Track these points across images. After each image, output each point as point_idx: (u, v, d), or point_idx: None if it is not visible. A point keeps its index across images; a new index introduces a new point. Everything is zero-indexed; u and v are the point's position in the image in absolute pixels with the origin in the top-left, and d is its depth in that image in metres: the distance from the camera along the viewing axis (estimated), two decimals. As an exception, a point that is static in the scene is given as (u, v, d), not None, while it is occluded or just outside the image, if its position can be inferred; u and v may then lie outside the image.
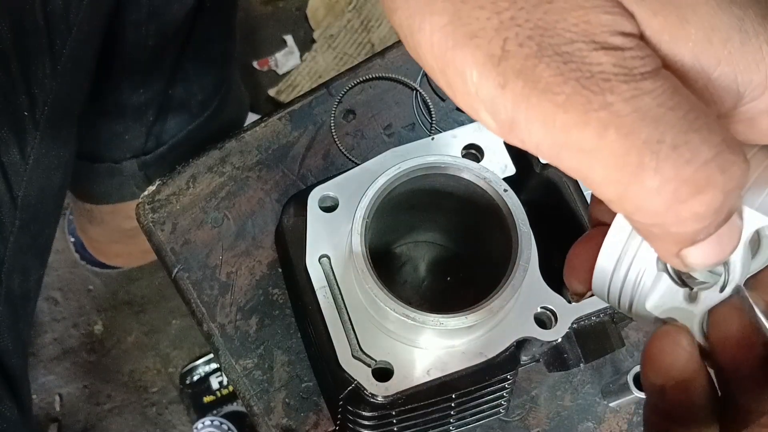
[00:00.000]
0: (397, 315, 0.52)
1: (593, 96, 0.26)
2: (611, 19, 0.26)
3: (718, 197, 0.26)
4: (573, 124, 0.26)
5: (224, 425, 1.35)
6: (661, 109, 0.26)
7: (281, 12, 1.69)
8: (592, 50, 0.26)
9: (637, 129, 0.26)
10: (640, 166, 0.26)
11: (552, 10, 0.26)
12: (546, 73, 0.26)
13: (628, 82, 0.26)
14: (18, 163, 0.78)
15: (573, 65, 0.26)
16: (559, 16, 0.26)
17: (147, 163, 1.13)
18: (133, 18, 0.89)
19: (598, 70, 0.26)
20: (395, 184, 0.56)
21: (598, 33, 0.26)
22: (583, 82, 0.26)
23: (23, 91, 0.76)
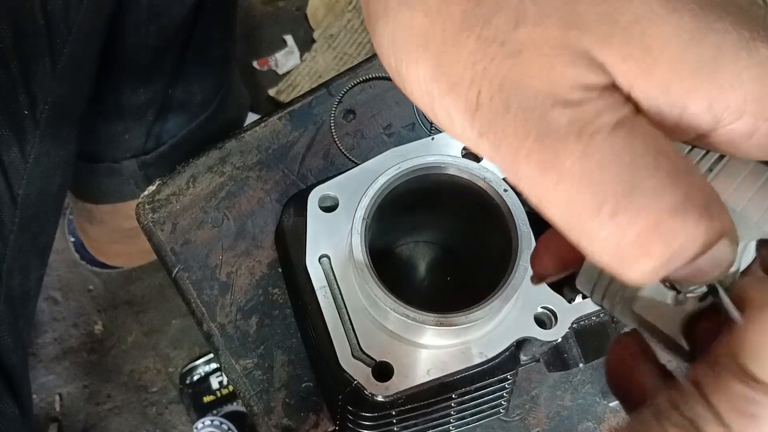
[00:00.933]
0: (397, 315, 0.52)
1: (548, 154, 0.27)
2: (574, 72, 0.27)
3: (655, 263, 0.26)
4: (534, 176, 0.27)
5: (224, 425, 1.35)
6: (607, 171, 0.26)
7: (281, 12, 1.69)
8: (551, 106, 0.27)
9: (583, 189, 0.26)
10: (585, 225, 0.27)
11: (519, 64, 0.27)
12: (511, 128, 0.27)
13: (579, 140, 0.26)
14: (18, 162, 0.78)
15: (534, 120, 0.27)
16: (524, 70, 0.27)
17: (147, 163, 1.13)
18: (133, 19, 0.89)
19: (555, 127, 0.27)
20: (395, 184, 0.56)
21: (559, 88, 0.27)
22: (542, 139, 0.27)
23: (23, 91, 0.76)
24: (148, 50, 0.95)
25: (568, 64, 0.27)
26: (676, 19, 0.27)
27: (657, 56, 0.27)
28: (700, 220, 0.26)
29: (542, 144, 0.27)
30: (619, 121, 0.27)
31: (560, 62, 0.27)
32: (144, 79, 1.00)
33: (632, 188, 0.26)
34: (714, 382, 0.25)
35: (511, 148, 0.27)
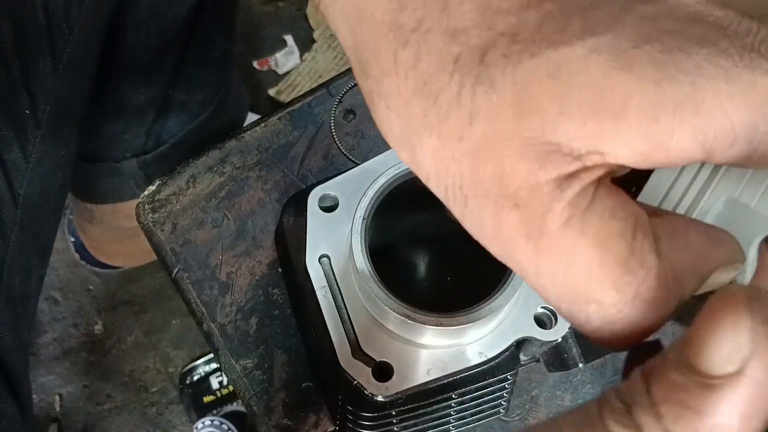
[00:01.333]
0: (397, 315, 0.52)
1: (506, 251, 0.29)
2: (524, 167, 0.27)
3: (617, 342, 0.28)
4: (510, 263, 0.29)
5: (224, 425, 1.35)
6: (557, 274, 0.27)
7: (281, 12, 1.69)
8: (501, 209, 0.28)
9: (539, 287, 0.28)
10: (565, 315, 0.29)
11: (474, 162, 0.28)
12: (473, 223, 0.29)
13: (528, 243, 0.28)
14: (19, 161, 0.78)
15: (489, 221, 0.28)
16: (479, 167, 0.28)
17: (147, 162, 1.13)
18: (133, 19, 0.89)
19: (507, 229, 0.28)
20: (395, 184, 0.56)
21: (509, 187, 0.27)
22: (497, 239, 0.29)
23: (24, 91, 0.76)
24: (149, 50, 0.95)
25: (519, 158, 0.27)
26: (636, 74, 0.26)
27: (621, 117, 0.27)
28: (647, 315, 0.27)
29: (500, 241, 0.28)
30: (567, 220, 0.27)
31: (510, 156, 0.27)
32: (144, 78, 1.00)
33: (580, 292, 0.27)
34: (659, 372, 0.25)
35: (479, 238, 0.30)
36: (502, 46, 0.27)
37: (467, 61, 0.28)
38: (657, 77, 0.26)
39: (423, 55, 0.29)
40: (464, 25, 0.28)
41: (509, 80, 0.27)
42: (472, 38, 0.28)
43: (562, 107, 0.27)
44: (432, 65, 0.28)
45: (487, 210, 0.28)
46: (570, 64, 0.27)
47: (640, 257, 0.27)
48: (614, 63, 0.26)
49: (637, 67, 0.26)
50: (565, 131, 0.27)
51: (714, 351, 0.23)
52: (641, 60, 0.26)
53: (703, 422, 0.23)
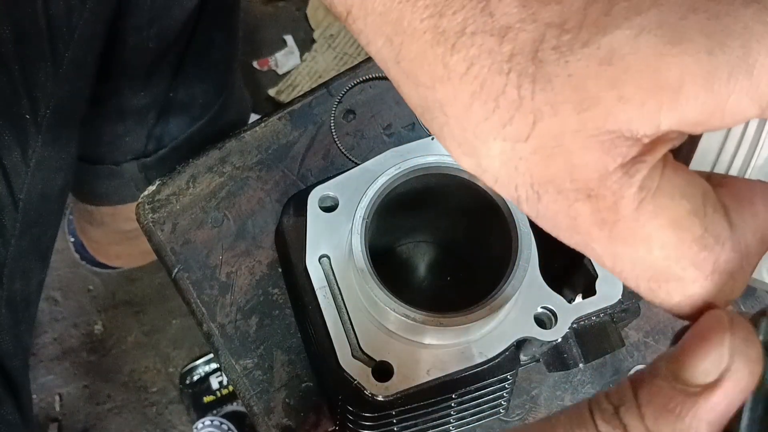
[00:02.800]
0: (397, 315, 0.52)
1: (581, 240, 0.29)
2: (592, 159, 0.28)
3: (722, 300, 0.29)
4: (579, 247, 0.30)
5: (224, 425, 1.35)
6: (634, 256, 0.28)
7: (281, 12, 1.69)
8: (574, 201, 0.29)
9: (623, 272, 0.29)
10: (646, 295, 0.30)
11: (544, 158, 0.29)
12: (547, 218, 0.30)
13: (602, 230, 0.28)
14: (19, 165, 0.77)
15: (563, 214, 0.29)
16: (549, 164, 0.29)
17: (147, 165, 1.13)
18: (134, 22, 0.89)
19: (581, 220, 0.29)
20: (395, 184, 0.56)
21: (579, 180, 0.28)
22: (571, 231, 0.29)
23: (25, 94, 0.76)
24: (149, 53, 0.95)
25: (585, 151, 0.28)
26: (687, 46, 0.27)
27: (679, 90, 0.27)
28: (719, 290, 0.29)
29: (574, 232, 0.29)
30: (639, 204, 0.28)
31: (577, 150, 0.28)
32: (145, 81, 1.00)
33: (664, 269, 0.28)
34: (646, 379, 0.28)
35: (554, 231, 0.30)
36: (551, 39, 0.28)
37: (521, 60, 0.28)
38: (708, 46, 0.27)
39: (474, 58, 0.29)
40: (509, 22, 0.28)
41: (564, 73, 0.27)
42: (521, 33, 0.28)
43: (619, 92, 0.27)
44: (485, 68, 0.28)
45: (560, 203, 0.29)
46: (621, 46, 0.27)
47: (714, 232, 0.28)
48: (664, 39, 0.27)
49: (687, 39, 0.27)
50: (626, 115, 0.27)
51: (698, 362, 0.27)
52: (690, 31, 0.27)
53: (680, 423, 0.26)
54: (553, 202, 0.29)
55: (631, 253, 0.28)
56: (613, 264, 0.29)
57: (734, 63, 0.27)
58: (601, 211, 0.28)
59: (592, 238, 0.29)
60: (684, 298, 0.29)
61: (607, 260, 0.29)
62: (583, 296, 0.57)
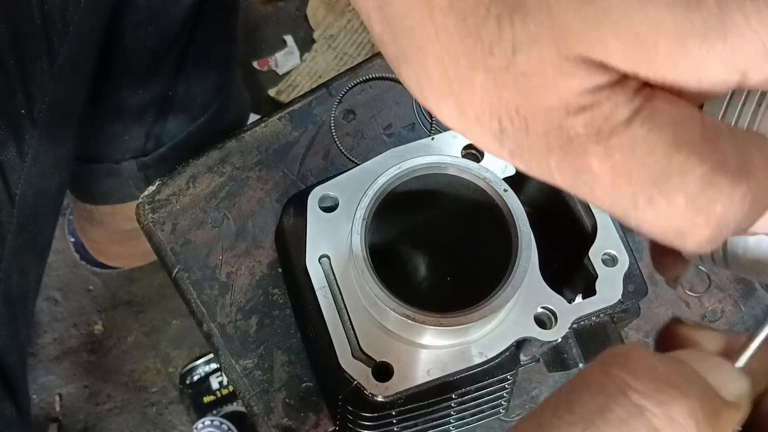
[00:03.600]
0: (397, 315, 0.52)
1: (575, 161, 0.28)
2: (577, 81, 0.28)
3: (705, 235, 0.27)
4: (570, 182, 0.29)
5: (224, 425, 1.35)
6: (631, 164, 0.27)
7: (281, 12, 1.69)
8: (565, 116, 0.28)
9: (615, 186, 0.28)
10: (632, 218, 0.28)
11: (527, 86, 0.28)
12: (536, 145, 0.29)
13: (599, 142, 0.28)
14: (15, 161, 0.78)
15: (554, 133, 0.28)
16: (533, 90, 0.28)
17: (146, 164, 1.13)
18: (131, 19, 0.89)
19: (574, 134, 0.28)
20: (395, 184, 0.56)
21: (568, 97, 0.28)
22: (565, 149, 0.28)
23: (21, 90, 0.76)
24: (147, 51, 0.95)
25: (570, 75, 0.28)
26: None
27: (654, 40, 0.27)
28: (734, 185, 0.27)
29: (567, 153, 0.28)
30: (632, 113, 0.27)
31: (561, 74, 0.28)
32: (143, 80, 1.00)
33: (659, 174, 0.27)
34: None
35: (542, 164, 0.29)
36: None
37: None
38: (686, 1, 0.27)
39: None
40: None
41: (544, 7, 0.28)
42: None
43: (598, 33, 0.27)
44: (468, 2, 0.29)
45: (551, 123, 0.28)
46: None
47: (714, 131, 0.28)
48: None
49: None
50: (604, 54, 0.27)
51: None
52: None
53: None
54: (542, 124, 0.28)
55: (629, 162, 0.27)
56: (612, 180, 0.28)
57: (709, 23, 0.27)
58: (595, 122, 0.28)
59: (588, 154, 0.28)
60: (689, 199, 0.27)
61: (605, 180, 0.28)
62: (583, 296, 0.57)
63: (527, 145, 0.29)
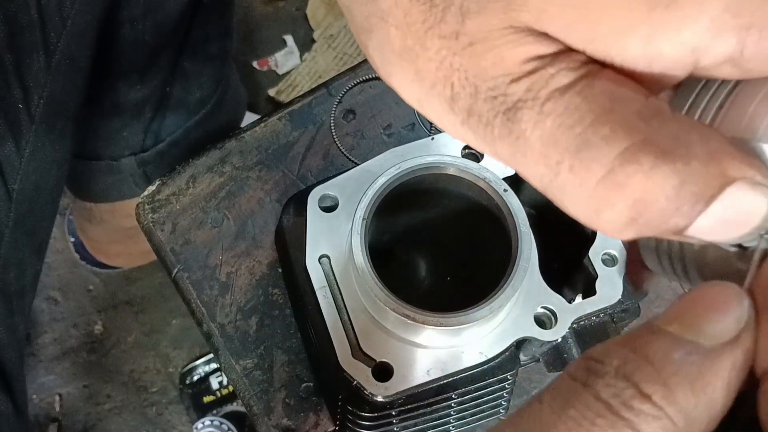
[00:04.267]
0: (397, 315, 0.52)
1: (513, 125, 0.28)
2: (522, 50, 0.28)
3: (622, 213, 0.26)
4: (508, 152, 0.29)
5: (224, 425, 1.35)
6: (559, 129, 0.27)
7: (281, 12, 1.69)
8: (510, 82, 0.28)
9: (543, 153, 0.28)
10: (553, 188, 0.28)
11: (476, 52, 0.29)
12: (484, 108, 0.29)
13: (533, 107, 0.28)
14: (13, 156, 0.77)
15: (499, 99, 0.29)
16: (481, 56, 0.29)
17: (145, 160, 1.13)
18: (128, 14, 0.89)
19: (516, 99, 0.28)
20: (395, 184, 0.56)
21: (513, 64, 0.28)
22: (507, 114, 0.28)
23: (17, 84, 0.76)
24: (145, 46, 0.95)
25: (515, 43, 0.28)
26: None
27: (598, 17, 0.27)
28: (656, 164, 0.26)
29: (507, 118, 0.28)
30: (570, 81, 0.28)
31: (507, 43, 0.28)
32: (141, 75, 1.00)
33: (584, 142, 0.27)
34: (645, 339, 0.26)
35: (487, 129, 0.29)
36: None
37: None
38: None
39: None
40: None
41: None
42: None
43: (545, 6, 0.28)
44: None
45: (497, 89, 0.29)
46: None
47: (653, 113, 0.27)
48: None
49: None
50: (549, 26, 0.28)
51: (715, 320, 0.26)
52: None
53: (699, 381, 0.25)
54: (489, 90, 0.29)
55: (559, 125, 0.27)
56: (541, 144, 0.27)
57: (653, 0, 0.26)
58: (535, 86, 0.28)
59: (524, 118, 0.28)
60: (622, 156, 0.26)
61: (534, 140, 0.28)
62: (583, 296, 0.57)
63: (476, 110, 0.29)
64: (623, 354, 0.26)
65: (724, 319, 0.26)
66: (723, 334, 0.26)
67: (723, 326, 0.26)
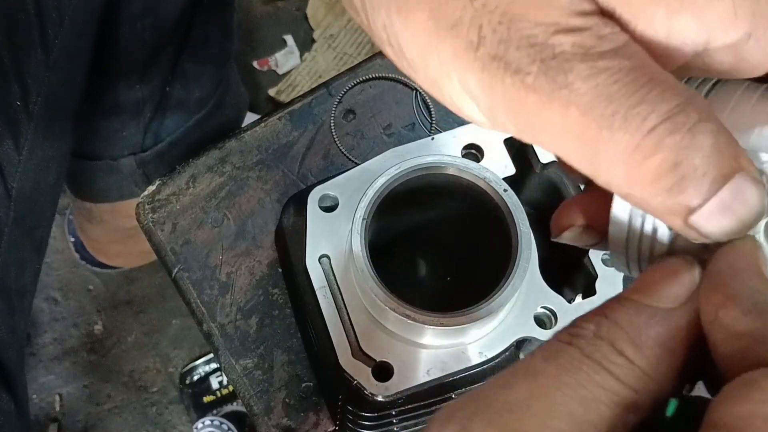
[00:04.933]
0: (397, 315, 0.52)
1: (556, 75, 0.28)
2: (568, 1, 0.28)
3: (669, 158, 0.27)
4: (541, 104, 0.28)
5: (224, 425, 1.35)
6: (615, 85, 0.27)
7: (281, 12, 1.69)
8: (553, 32, 0.28)
9: (594, 105, 0.28)
10: (599, 140, 0.28)
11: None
12: (516, 55, 0.28)
13: (585, 61, 0.28)
14: (12, 154, 0.77)
15: (538, 47, 0.28)
16: (524, 2, 0.28)
17: (145, 160, 1.13)
18: (127, 12, 0.89)
19: (560, 51, 0.28)
20: (395, 184, 0.56)
21: (559, 15, 0.28)
22: (547, 63, 0.28)
23: (16, 81, 0.76)
24: (144, 45, 0.95)
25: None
26: None
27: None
28: (701, 120, 0.27)
29: (549, 67, 0.28)
30: (618, 45, 0.28)
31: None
32: (140, 75, 1.00)
33: (640, 98, 0.27)
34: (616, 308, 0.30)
35: (516, 77, 0.28)
36: None
37: None
38: None
39: None
40: None
41: None
42: None
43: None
44: None
45: (537, 37, 0.28)
46: None
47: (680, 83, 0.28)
48: None
49: None
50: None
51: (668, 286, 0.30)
52: None
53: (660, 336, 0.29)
54: (526, 38, 0.28)
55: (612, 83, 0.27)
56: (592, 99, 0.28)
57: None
58: (586, 42, 0.28)
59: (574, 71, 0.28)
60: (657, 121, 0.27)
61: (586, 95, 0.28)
62: (583, 296, 0.57)
63: (505, 56, 0.28)
64: (597, 320, 0.29)
65: (676, 285, 0.30)
66: (676, 298, 0.29)
67: (676, 291, 0.30)
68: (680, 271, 0.30)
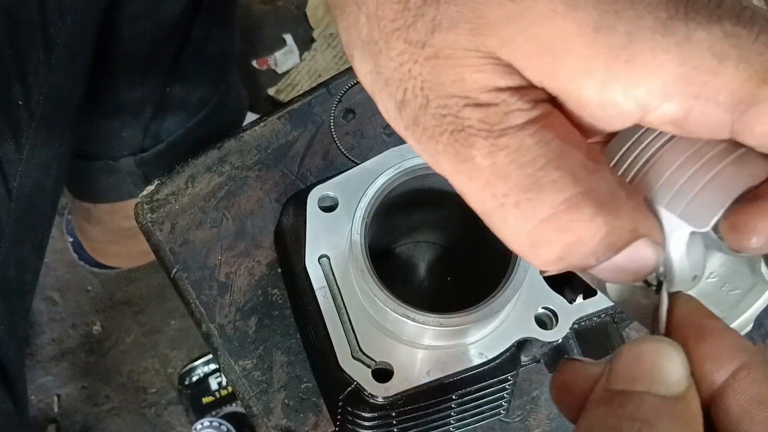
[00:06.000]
0: (396, 315, 0.52)
1: (461, 148, 0.29)
2: (482, 77, 0.29)
3: (554, 251, 0.29)
4: (450, 170, 0.30)
5: (223, 426, 1.35)
6: (512, 165, 0.29)
7: (281, 11, 1.69)
8: (463, 106, 0.29)
9: (490, 182, 0.29)
10: (494, 216, 0.30)
11: (437, 66, 0.30)
12: (431, 123, 0.30)
13: (487, 138, 0.29)
14: (12, 154, 0.77)
15: (450, 118, 0.29)
16: (441, 72, 0.30)
17: (144, 161, 1.13)
18: (128, 12, 0.89)
19: (467, 125, 0.29)
20: (395, 184, 0.56)
21: (470, 90, 0.29)
22: (455, 135, 0.29)
23: (18, 81, 0.76)
24: (145, 45, 0.95)
25: (477, 68, 0.29)
26: (580, 15, 0.27)
27: (560, 54, 0.28)
28: (595, 215, 0.28)
29: (455, 139, 0.29)
30: (526, 121, 0.29)
31: (470, 66, 0.29)
32: (141, 75, 1.00)
33: (533, 182, 0.28)
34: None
35: (430, 142, 0.30)
36: None
37: None
38: (597, 23, 0.27)
39: None
40: None
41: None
42: None
43: (510, 34, 0.28)
44: None
45: (449, 108, 0.29)
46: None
47: (595, 164, 0.29)
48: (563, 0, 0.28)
49: (581, 8, 0.27)
50: (513, 57, 0.29)
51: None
52: (587, 1, 0.27)
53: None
54: (441, 108, 0.29)
55: (510, 162, 0.29)
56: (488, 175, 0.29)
57: (616, 49, 0.27)
58: (490, 120, 0.29)
59: (475, 147, 0.29)
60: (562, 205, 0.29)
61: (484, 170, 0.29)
62: (584, 296, 0.57)
63: (422, 121, 0.30)
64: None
65: (676, 368, 0.29)
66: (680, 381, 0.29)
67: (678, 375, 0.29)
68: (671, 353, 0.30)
